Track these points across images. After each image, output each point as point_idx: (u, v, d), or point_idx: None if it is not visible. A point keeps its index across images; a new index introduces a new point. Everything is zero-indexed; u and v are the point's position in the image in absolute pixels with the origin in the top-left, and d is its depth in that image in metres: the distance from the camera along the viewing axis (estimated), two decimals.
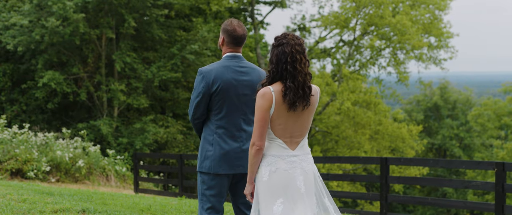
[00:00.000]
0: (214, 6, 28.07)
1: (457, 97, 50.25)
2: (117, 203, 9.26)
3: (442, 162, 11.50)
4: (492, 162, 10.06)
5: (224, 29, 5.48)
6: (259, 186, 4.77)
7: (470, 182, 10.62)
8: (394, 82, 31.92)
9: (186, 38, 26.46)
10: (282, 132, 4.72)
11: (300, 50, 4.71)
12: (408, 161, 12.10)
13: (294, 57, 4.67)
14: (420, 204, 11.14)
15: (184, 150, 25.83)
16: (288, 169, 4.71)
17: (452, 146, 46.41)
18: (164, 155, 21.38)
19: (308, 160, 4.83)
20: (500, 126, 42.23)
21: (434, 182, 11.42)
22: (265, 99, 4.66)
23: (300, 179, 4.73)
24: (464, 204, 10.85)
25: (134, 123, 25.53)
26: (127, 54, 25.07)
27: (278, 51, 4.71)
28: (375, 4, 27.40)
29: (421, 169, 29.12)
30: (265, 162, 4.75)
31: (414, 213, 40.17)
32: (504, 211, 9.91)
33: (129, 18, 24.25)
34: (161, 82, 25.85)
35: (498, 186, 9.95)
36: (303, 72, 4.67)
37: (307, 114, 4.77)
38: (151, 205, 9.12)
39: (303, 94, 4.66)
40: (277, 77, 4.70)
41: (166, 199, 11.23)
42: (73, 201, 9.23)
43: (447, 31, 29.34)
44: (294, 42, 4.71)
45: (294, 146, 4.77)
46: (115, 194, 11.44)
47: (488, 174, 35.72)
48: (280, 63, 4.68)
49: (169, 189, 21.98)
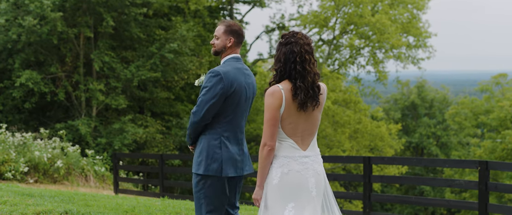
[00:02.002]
0: (193, 5, 27.93)
1: (434, 96, 50.67)
2: (99, 204, 9.13)
3: (425, 161, 11.53)
4: (475, 161, 10.10)
5: (232, 30, 5.47)
6: (268, 189, 4.64)
7: (454, 181, 10.65)
8: (373, 81, 32.06)
9: (165, 37, 26.30)
10: (293, 131, 4.63)
11: (309, 50, 4.64)
12: (391, 160, 12.12)
13: (303, 57, 4.60)
14: (404, 203, 11.17)
15: (163, 149, 25.66)
16: (300, 171, 4.62)
17: (429, 144, 46.78)
18: (144, 155, 21.24)
19: (319, 161, 4.76)
20: (477, 124, 42.58)
21: (417, 181, 11.45)
22: (275, 97, 4.57)
23: (312, 181, 4.64)
24: (448, 202, 10.88)
25: (112, 122, 25.30)
26: (106, 53, 24.85)
27: (287, 50, 4.63)
28: (355, 3, 27.47)
29: (400, 167, 29.27)
30: (276, 163, 4.64)
31: (392, 211, 40.39)
32: (487, 210, 9.95)
33: (108, 17, 24.02)
34: (140, 81, 25.66)
35: (481, 184, 9.97)
36: (312, 72, 4.60)
37: (317, 112, 4.70)
38: (134, 206, 9.00)
39: (313, 94, 4.60)
40: (285, 76, 4.63)
41: (149, 200, 11.11)
42: (55, 202, 9.08)
43: (425, 31, 29.51)
44: (303, 42, 4.63)
45: (305, 146, 4.68)
46: (97, 195, 11.29)
47: (465, 173, 35.98)
48: (288, 63, 4.60)
49: (149, 189, 21.82)
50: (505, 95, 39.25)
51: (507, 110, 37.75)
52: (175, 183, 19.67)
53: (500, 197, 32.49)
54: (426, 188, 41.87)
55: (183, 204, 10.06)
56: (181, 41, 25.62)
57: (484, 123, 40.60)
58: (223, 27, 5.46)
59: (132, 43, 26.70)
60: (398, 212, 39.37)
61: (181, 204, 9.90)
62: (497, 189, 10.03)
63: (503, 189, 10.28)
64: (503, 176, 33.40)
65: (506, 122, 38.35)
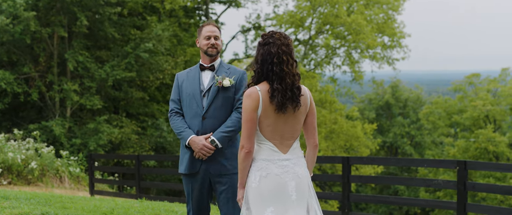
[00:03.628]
0: (168, 5, 27.76)
1: (408, 95, 51.06)
2: (77, 206, 8.98)
3: (403, 160, 11.57)
4: (454, 161, 10.13)
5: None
6: (249, 192, 4.58)
7: (432, 180, 10.69)
8: (349, 81, 32.17)
9: (140, 36, 26.11)
10: (272, 134, 4.54)
11: (287, 50, 4.54)
12: (370, 160, 12.11)
13: (281, 58, 4.51)
14: (383, 203, 11.18)
15: (139, 150, 25.46)
16: (279, 174, 4.53)
17: (403, 143, 47.12)
18: (121, 156, 21.03)
19: (300, 164, 4.65)
20: (451, 124, 43.03)
21: (396, 181, 11.48)
22: (251, 99, 4.49)
23: (292, 185, 4.55)
24: (427, 202, 10.92)
25: (87, 123, 25.03)
26: (80, 53, 24.58)
27: (264, 51, 4.55)
28: (330, 3, 27.53)
29: (375, 167, 29.42)
30: (255, 167, 4.57)
31: (366, 211, 40.58)
32: (466, 209, 9.99)
33: (82, 16, 23.76)
34: (115, 81, 25.43)
35: (460, 184, 10.01)
36: (291, 74, 4.51)
37: (299, 115, 4.59)
38: (113, 208, 8.88)
39: (292, 96, 4.50)
40: (263, 78, 4.54)
41: (126, 201, 10.98)
42: (31, 205, 8.92)
43: (400, 31, 29.69)
44: (281, 42, 4.54)
45: (285, 149, 4.59)
46: (74, 197, 11.13)
47: (439, 172, 36.31)
48: (265, 64, 4.52)
49: (124, 190, 21.62)
50: (478, 95, 39.71)
51: (480, 109, 38.21)
52: (151, 184, 19.51)
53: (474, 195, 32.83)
54: (400, 187, 42.14)
55: (161, 205, 9.96)
56: (157, 41, 25.45)
57: (458, 122, 41.05)
58: (217, 28, 5.65)
59: (107, 42, 26.45)
60: (373, 211, 39.56)
61: (159, 206, 9.80)
62: (474, 188, 10.09)
63: (481, 188, 10.33)
64: (476, 175, 33.77)
65: (479, 121, 38.82)
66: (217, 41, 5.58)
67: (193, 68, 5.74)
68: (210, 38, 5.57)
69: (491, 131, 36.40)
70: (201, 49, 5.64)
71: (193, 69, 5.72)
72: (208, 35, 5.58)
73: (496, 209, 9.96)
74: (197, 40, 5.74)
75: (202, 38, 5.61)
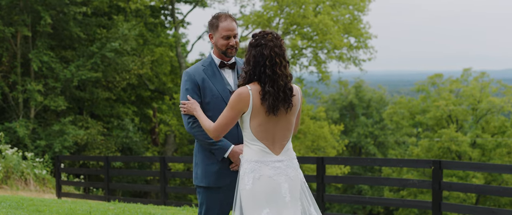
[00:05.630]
0: (134, 4, 27.45)
1: (371, 96, 51.46)
2: (51, 209, 8.77)
3: (378, 160, 11.59)
4: (429, 160, 10.20)
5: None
6: (242, 195, 4.48)
7: (407, 180, 10.74)
8: (316, 81, 32.23)
9: (106, 36, 25.76)
10: (264, 135, 4.45)
11: (280, 52, 4.44)
12: (344, 160, 12.14)
13: (273, 60, 4.40)
14: (358, 203, 11.21)
15: (105, 151, 25.12)
16: (272, 176, 4.43)
17: (367, 143, 47.47)
18: (89, 157, 20.76)
19: (293, 165, 4.57)
20: (414, 123, 43.51)
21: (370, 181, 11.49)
22: (241, 98, 4.39)
23: (285, 187, 4.46)
24: (402, 202, 10.96)
25: (52, 124, 24.59)
26: (45, 53, 24.13)
27: (256, 52, 4.43)
28: (297, 3, 27.54)
29: (342, 167, 29.54)
30: (248, 169, 4.46)
31: (330, 210, 40.76)
32: (441, 209, 10.06)
33: (46, 15, 23.33)
34: (80, 82, 25.04)
35: (435, 184, 10.07)
36: (283, 75, 4.42)
37: (290, 115, 4.52)
38: (89, 211, 8.68)
39: (285, 97, 4.41)
40: (255, 79, 4.45)
41: (101, 204, 10.77)
42: (3, 208, 8.68)
43: (365, 32, 29.87)
44: (273, 44, 4.43)
45: (278, 151, 4.50)
46: (45, 200, 10.89)
47: (403, 171, 36.67)
48: (257, 66, 4.41)
49: (90, 192, 21.29)
50: (440, 95, 40.19)
51: (443, 109, 38.70)
52: (120, 186, 19.30)
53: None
54: (364, 187, 42.44)
55: (136, 207, 9.79)
56: (123, 41, 25.15)
57: (421, 122, 41.51)
58: (235, 22, 4.95)
59: (72, 42, 26.03)
60: (337, 211, 39.74)
61: (135, 208, 9.63)
62: (451, 188, 10.16)
63: (457, 188, 10.42)
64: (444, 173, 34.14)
65: (442, 121, 39.31)
66: (236, 39, 4.89)
67: (206, 64, 4.97)
68: (229, 37, 4.86)
69: (453, 131, 36.89)
70: (218, 48, 4.92)
71: (208, 66, 4.96)
72: (228, 35, 4.85)
73: (471, 208, 10.05)
74: (210, 34, 4.95)
75: (220, 37, 4.86)
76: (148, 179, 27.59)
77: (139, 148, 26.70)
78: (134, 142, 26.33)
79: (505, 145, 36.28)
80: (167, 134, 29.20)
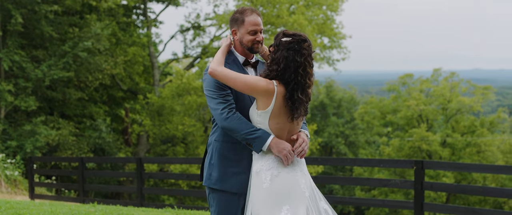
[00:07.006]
0: (106, 3, 27.12)
1: (342, 95, 51.73)
2: (32, 212, 8.57)
3: (359, 161, 11.61)
4: (411, 161, 10.24)
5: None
6: (258, 194, 4.40)
7: (389, 180, 10.76)
8: None
9: (79, 35, 25.40)
10: (280, 132, 4.44)
11: (312, 63, 4.45)
12: (325, 160, 12.13)
13: (306, 70, 4.39)
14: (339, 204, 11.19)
15: (77, 152, 24.77)
16: (289, 172, 4.42)
17: (338, 143, 47.68)
18: (63, 159, 20.47)
19: (302, 162, 4.60)
20: (385, 123, 43.82)
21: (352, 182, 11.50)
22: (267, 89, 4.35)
23: (302, 182, 4.46)
24: (383, 202, 10.98)
25: (23, 124, 24.17)
26: (15, 52, 23.71)
27: (288, 55, 4.36)
28: (272, 3, 27.50)
29: (316, 167, 29.53)
30: (265, 166, 4.42)
31: None
32: (423, 209, 10.10)
33: (17, 14, 22.92)
34: (51, 82, 24.66)
35: (417, 184, 10.11)
36: (311, 85, 4.45)
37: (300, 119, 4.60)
38: (73, 214, 8.51)
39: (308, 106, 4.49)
40: (280, 80, 4.40)
41: (80, 206, 10.58)
42: None
43: (339, 32, 29.95)
44: (307, 53, 4.42)
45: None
46: (22, 202, 10.66)
47: (374, 171, 36.87)
48: (288, 70, 4.36)
49: (62, 193, 20.98)
50: (411, 95, 40.54)
51: (414, 109, 39.03)
52: (95, 187, 19.05)
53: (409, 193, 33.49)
54: (335, 186, 42.62)
55: (118, 210, 9.64)
56: (96, 40, 24.84)
57: (392, 121, 41.81)
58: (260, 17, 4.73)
59: (43, 41, 25.62)
60: None
61: (117, 210, 9.48)
62: (432, 188, 10.21)
63: (438, 188, 10.47)
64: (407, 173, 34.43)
65: (412, 120, 39.65)
66: (262, 34, 4.67)
67: (230, 61, 4.71)
68: (256, 33, 4.63)
69: (424, 130, 37.23)
70: (244, 45, 4.66)
71: (231, 63, 4.70)
72: (255, 30, 4.61)
73: (452, 208, 10.11)
74: (234, 30, 4.71)
75: (246, 32, 4.62)
76: (120, 180, 27.31)
77: (112, 149, 26.40)
78: (107, 142, 26.03)
79: (474, 144, 36.74)
80: (141, 134, 28.93)
